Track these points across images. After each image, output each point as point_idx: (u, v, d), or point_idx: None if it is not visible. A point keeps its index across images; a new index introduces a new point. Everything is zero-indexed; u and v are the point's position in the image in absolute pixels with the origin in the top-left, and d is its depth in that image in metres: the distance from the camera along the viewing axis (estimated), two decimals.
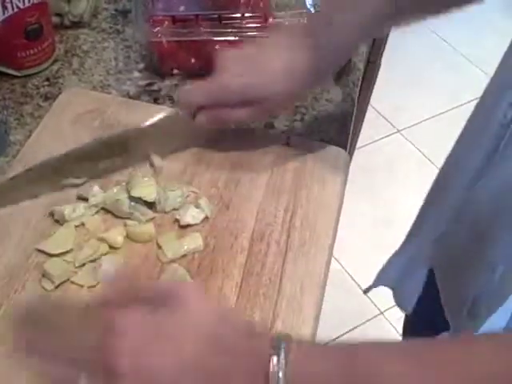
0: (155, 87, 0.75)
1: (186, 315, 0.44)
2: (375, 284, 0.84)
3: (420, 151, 2.06)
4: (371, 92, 1.33)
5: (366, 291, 0.87)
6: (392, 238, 0.88)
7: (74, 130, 0.68)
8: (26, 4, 0.70)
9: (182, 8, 0.77)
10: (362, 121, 1.37)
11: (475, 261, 0.64)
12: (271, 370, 0.40)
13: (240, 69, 0.63)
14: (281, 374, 0.40)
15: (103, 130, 0.68)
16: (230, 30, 0.74)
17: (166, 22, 0.74)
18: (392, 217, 1.80)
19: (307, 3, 0.77)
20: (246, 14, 0.76)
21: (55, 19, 0.80)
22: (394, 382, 0.41)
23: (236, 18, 0.75)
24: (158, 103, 0.73)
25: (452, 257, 0.70)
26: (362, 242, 1.75)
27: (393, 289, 0.83)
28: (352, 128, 0.75)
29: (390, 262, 0.81)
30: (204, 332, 0.43)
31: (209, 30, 0.74)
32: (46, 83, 0.75)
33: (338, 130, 0.72)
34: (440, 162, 0.75)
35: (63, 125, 0.68)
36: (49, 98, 0.73)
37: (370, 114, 1.69)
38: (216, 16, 0.75)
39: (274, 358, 0.41)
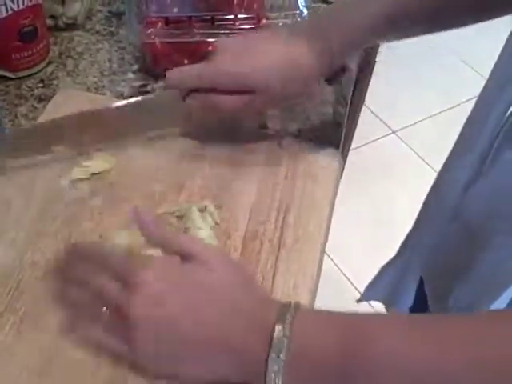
0: (149, 88, 0.76)
1: (209, 275, 0.47)
2: (366, 297, 0.84)
3: (415, 152, 2.07)
4: (365, 92, 1.34)
5: (358, 301, 0.87)
6: (387, 239, 0.89)
7: None
8: (21, 6, 0.71)
9: (175, 9, 0.78)
10: (356, 121, 1.38)
11: (467, 263, 0.64)
12: (275, 337, 0.43)
13: (238, 55, 0.61)
14: (284, 344, 0.43)
15: None
16: (222, 32, 0.74)
17: (160, 24, 0.75)
18: (388, 218, 1.81)
19: (300, 4, 0.78)
20: (240, 16, 0.76)
21: (49, 21, 0.81)
22: (391, 353, 0.42)
23: (229, 20, 0.75)
24: None
25: (444, 260, 0.70)
26: (358, 242, 1.75)
27: (385, 304, 0.83)
28: (345, 128, 0.76)
29: (381, 273, 0.81)
30: (222, 294, 0.46)
31: (202, 31, 0.74)
32: (41, 85, 0.75)
33: (330, 130, 0.73)
34: (435, 162, 0.76)
35: None
36: (43, 99, 0.73)
37: (365, 115, 1.70)
38: (209, 17, 0.75)
39: (279, 327, 0.43)
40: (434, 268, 0.71)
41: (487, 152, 0.61)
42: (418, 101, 2.20)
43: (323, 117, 0.74)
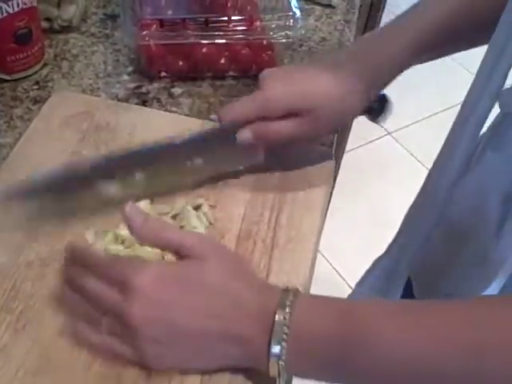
0: (144, 90, 0.76)
1: (204, 269, 0.47)
2: (357, 293, 0.84)
3: (411, 154, 2.08)
4: None
5: (349, 296, 0.87)
6: (383, 239, 0.88)
7: (63, 133, 0.69)
8: (16, 9, 0.71)
9: (169, 12, 0.79)
10: (352, 122, 1.38)
11: (453, 262, 0.65)
12: (276, 323, 0.44)
13: (283, 80, 0.61)
14: (285, 329, 0.44)
15: (92, 132, 0.69)
16: (216, 33, 0.75)
17: (154, 26, 0.75)
18: (383, 218, 1.82)
19: (293, 6, 0.79)
20: (233, 17, 0.77)
21: (45, 24, 0.81)
22: (387, 338, 0.43)
23: (223, 22, 0.76)
24: (147, 106, 0.74)
25: (431, 260, 0.70)
26: (353, 243, 1.76)
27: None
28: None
29: (371, 270, 0.81)
30: (220, 287, 0.47)
31: (196, 33, 0.75)
32: (36, 87, 0.76)
33: None
34: (431, 164, 0.76)
35: (52, 127, 0.69)
36: (38, 101, 0.74)
37: (361, 117, 1.70)
38: (203, 19, 0.76)
39: (279, 313, 0.44)
40: (420, 268, 0.72)
41: (472, 151, 0.62)
42: (414, 102, 2.21)
43: None
